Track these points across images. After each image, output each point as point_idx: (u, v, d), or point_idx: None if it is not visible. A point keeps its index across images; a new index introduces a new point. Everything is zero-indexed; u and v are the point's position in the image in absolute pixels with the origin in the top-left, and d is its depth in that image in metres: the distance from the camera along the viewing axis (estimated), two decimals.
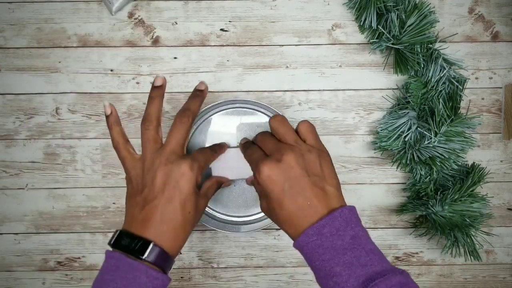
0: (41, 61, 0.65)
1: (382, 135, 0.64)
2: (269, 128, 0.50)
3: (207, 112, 0.58)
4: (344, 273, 0.42)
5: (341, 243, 0.42)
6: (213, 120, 0.59)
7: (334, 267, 0.42)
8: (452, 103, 0.61)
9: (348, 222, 0.43)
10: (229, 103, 0.59)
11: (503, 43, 0.66)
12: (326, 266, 0.43)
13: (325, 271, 0.43)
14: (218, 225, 0.59)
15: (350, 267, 0.42)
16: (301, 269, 0.68)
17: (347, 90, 0.66)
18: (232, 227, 0.59)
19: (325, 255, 0.43)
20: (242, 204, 0.59)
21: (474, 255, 0.64)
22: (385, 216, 0.67)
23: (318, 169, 0.45)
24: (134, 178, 0.48)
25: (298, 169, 0.44)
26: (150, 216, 0.45)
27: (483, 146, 0.67)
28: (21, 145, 0.66)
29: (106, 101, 0.53)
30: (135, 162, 0.48)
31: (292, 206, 0.44)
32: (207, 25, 0.65)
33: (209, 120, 0.59)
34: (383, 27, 0.61)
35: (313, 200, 0.44)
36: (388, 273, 0.41)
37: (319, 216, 0.44)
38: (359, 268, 0.42)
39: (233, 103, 0.59)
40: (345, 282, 0.41)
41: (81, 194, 0.66)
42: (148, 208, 0.45)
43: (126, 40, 0.65)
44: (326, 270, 0.43)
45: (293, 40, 0.65)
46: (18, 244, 0.67)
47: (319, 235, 0.43)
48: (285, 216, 0.45)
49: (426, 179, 0.64)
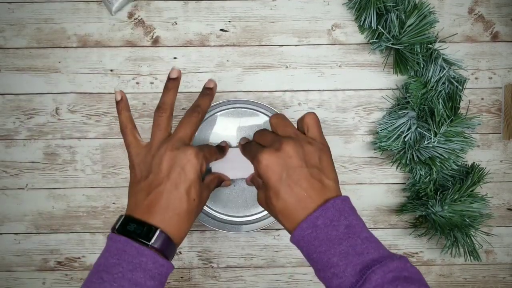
0: (41, 61, 0.65)
1: (382, 135, 0.64)
2: (269, 127, 0.50)
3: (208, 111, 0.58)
4: (341, 263, 0.42)
5: (336, 234, 0.42)
6: (216, 120, 0.59)
7: (331, 258, 0.42)
8: (451, 103, 0.61)
9: (341, 212, 0.43)
10: (230, 103, 0.59)
11: (503, 43, 0.66)
12: (323, 258, 0.43)
13: (322, 263, 0.43)
14: (218, 225, 0.59)
15: (346, 257, 0.42)
16: (301, 269, 0.68)
17: (347, 90, 0.66)
18: (232, 227, 0.59)
19: (321, 247, 0.43)
20: (241, 204, 0.59)
21: (473, 255, 0.64)
22: (385, 216, 0.68)
23: (317, 161, 0.45)
24: (137, 164, 0.47)
25: (296, 159, 0.44)
26: (156, 202, 0.45)
27: (483, 146, 0.67)
28: (21, 145, 0.66)
29: (116, 87, 0.53)
30: (140, 148, 0.48)
31: (289, 196, 0.44)
32: (207, 25, 0.65)
33: (211, 119, 0.59)
34: (383, 27, 0.61)
35: (310, 191, 0.44)
36: (385, 259, 0.41)
37: (314, 207, 0.44)
38: (355, 257, 0.42)
39: (234, 103, 0.59)
40: (342, 272, 0.42)
41: (81, 194, 0.66)
42: (154, 193, 0.45)
43: (126, 40, 0.65)
44: (324, 262, 0.43)
45: (293, 40, 0.65)
46: (18, 244, 0.67)
47: (313, 228, 0.43)
48: (281, 206, 0.44)
49: (425, 179, 0.64)
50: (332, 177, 0.46)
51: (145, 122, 0.66)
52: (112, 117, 0.65)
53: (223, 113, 0.59)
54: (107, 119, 0.66)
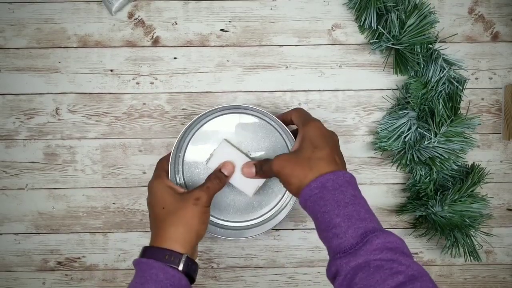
0: (41, 61, 0.65)
1: (382, 136, 0.64)
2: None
3: (205, 116, 0.58)
4: (344, 224, 0.43)
5: (342, 197, 0.44)
6: (216, 121, 0.58)
7: (334, 218, 0.44)
8: (452, 104, 0.61)
9: (349, 183, 0.46)
10: (230, 108, 0.57)
11: (503, 43, 0.66)
12: (326, 217, 0.44)
13: (325, 222, 0.44)
14: (218, 231, 0.59)
15: (349, 219, 0.43)
16: (301, 269, 0.68)
17: (347, 91, 0.66)
18: (231, 232, 0.59)
19: (326, 206, 0.44)
20: (243, 209, 0.60)
21: (474, 256, 0.64)
22: (385, 216, 0.67)
23: (336, 143, 0.51)
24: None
25: (327, 132, 0.50)
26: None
27: (483, 146, 0.67)
28: (21, 145, 0.66)
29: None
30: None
31: (312, 153, 0.47)
32: (207, 26, 0.65)
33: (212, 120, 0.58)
34: (383, 27, 0.61)
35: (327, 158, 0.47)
36: (386, 231, 0.43)
37: (326, 171, 0.46)
38: (358, 221, 0.43)
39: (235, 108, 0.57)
40: (343, 232, 0.43)
41: (81, 194, 0.66)
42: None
43: (126, 40, 0.65)
44: (326, 222, 0.44)
45: (293, 40, 0.65)
46: (18, 244, 0.67)
47: (322, 188, 0.45)
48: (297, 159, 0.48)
49: (426, 179, 0.64)
50: (343, 160, 0.51)
51: (145, 123, 0.65)
52: (112, 117, 0.65)
53: (224, 116, 0.58)
54: (107, 119, 0.65)
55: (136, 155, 0.66)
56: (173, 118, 0.66)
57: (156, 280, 0.45)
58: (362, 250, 0.41)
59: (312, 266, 0.68)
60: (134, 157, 0.66)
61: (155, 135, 0.66)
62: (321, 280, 0.68)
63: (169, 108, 0.65)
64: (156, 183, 0.52)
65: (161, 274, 0.45)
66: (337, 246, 0.43)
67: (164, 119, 0.66)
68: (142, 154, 0.66)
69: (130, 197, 0.66)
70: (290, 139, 0.56)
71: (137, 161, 0.66)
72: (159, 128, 0.66)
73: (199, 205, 0.50)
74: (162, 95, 0.65)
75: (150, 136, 0.66)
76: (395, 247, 0.42)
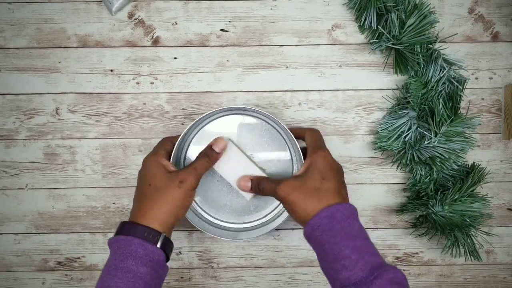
0: (41, 61, 0.65)
1: (382, 135, 0.64)
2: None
3: (204, 120, 0.58)
4: (353, 256, 0.43)
5: (350, 230, 0.45)
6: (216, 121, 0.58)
7: (343, 250, 0.44)
8: (452, 103, 0.61)
9: (354, 215, 0.47)
10: (221, 111, 0.57)
11: (503, 43, 0.66)
12: (335, 248, 0.44)
13: (333, 254, 0.44)
14: (212, 230, 0.59)
15: (359, 252, 0.43)
16: (301, 269, 0.68)
17: (347, 90, 0.66)
18: (229, 233, 0.59)
19: (335, 237, 0.44)
20: (239, 212, 0.60)
21: (474, 255, 0.64)
22: (385, 216, 0.67)
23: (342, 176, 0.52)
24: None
25: (334, 163, 0.51)
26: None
27: (483, 146, 0.67)
28: (21, 145, 0.66)
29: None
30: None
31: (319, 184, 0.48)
32: (207, 26, 0.65)
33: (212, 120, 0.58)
34: (383, 27, 0.61)
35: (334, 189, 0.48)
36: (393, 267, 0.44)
37: (333, 203, 0.47)
38: (367, 254, 0.44)
39: (226, 110, 0.57)
40: (353, 265, 0.43)
41: (81, 194, 0.66)
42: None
43: (126, 40, 0.65)
44: (335, 253, 0.44)
45: (293, 40, 0.65)
46: (18, 244, 0.67)
47: (331, 219, 0.45)
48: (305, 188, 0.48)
49: (426, 179, 0.64)
50: (347, 193, 0.51)
51: (145, 122, 0.65)
52: (112, 117, 0.65)
53: (225, 117, 0.58)
54: (107, 119, 0.65)
55: (136, 155, 0.66)
56: (173, 118, 0.66)
57: (135, 256, 0.45)
58: (374, 284, 0.41)
59: (312, 266, 0.68)
60: (134, 157, 0.66)
61: (155, 135, 0.66)
62: (321, 280, 0.68)
63: (169, 108, 0.65)
64: (151, 159, 0.53)
65: (140, 250, 0.46)
66: (346, 278, 0.43)
67: (164, 119, 0.66)
68: (142, 154, 0.66)
69: (130, 197, 0.66)
70: (297, 153, 0.56)
71: (137, 161, 0.66)
72: (159, 128, 0.66)
73: (183, 188, 0.50)
74: (162, 95, 0.65)
75: (150, 136, 0.66)
76: (402, 282, 0.43)
